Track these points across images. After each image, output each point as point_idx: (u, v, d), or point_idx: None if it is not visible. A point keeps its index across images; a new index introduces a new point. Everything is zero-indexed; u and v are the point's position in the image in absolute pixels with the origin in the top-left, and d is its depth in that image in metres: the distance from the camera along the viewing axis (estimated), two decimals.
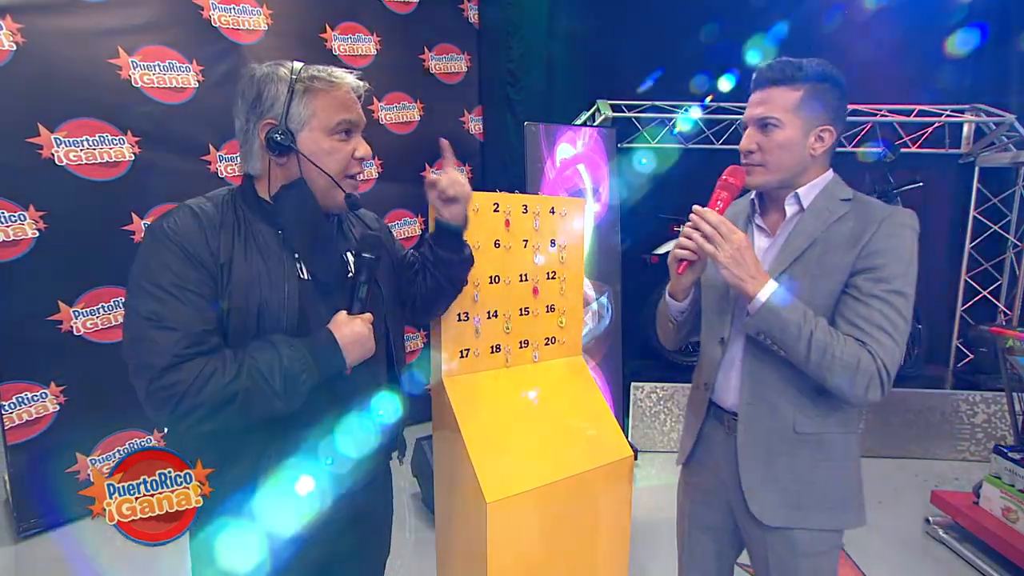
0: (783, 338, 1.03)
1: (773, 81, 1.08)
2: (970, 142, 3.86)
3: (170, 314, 0.86)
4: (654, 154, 3.93)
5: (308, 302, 0.97)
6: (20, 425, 2.44)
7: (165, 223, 0.91)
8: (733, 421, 1.19)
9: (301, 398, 0.92)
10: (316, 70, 0.98)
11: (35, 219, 2.41)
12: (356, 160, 1.02)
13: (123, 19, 2.59)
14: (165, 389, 0.84)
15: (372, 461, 1.13)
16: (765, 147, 1.09)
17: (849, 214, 1.09)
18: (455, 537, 1.57)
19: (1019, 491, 2.25)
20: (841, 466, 1.14)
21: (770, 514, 1.13)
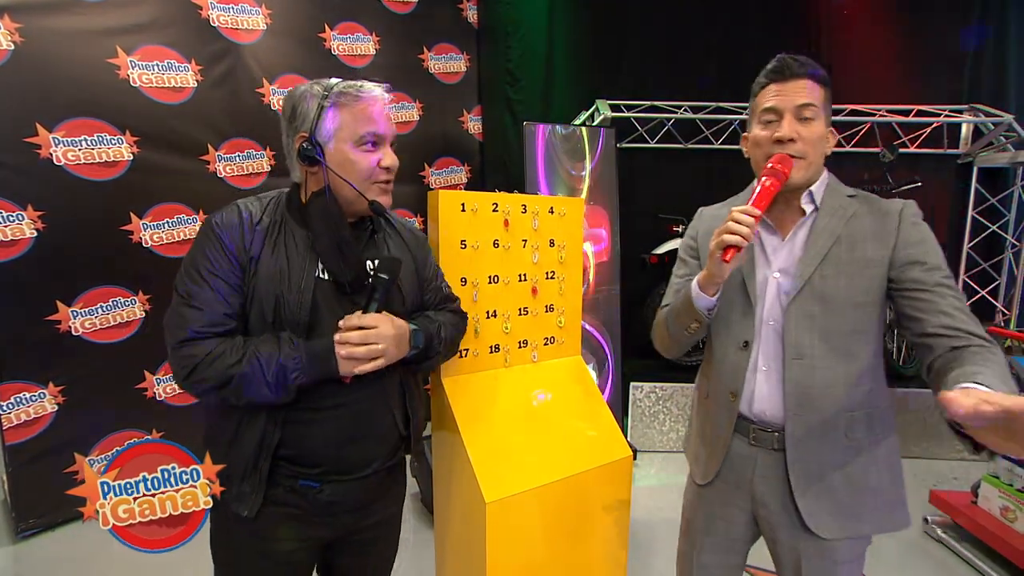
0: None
1: (807, 74, 1.06)
2: (968, 142, 3.87)
3: (200, 295, 0.99)
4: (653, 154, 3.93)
5: (323, 300, 1.05)
6: (18, 425, 2.43)
7: (215, 218, 1.04)
8: (762, 434, 1.13)
9: (290, 393, 0.99)
10: (346, 85, 1.06)
11: (33, 219, 2.41)
12: (382, 169, 1.08)
13: (122, 19, 2.58)
14: (182, 359, 0.97)
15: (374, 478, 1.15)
16: (807, 137, 1.05)
17: (862, 209, 1.09)
18: (454, 537, 1.57)
19: (1017, 490, 2.26)
20: (890, 468, 1.13)
21: (826, 526, 1.09)
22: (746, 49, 3.85)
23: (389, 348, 1.05)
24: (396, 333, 1.06)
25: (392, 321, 1.06)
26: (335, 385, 1.05)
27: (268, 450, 1.03)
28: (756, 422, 1.14)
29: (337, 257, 1.04)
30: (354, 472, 1.11)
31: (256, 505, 1.04)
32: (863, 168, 3.62)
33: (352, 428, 1.09)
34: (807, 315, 1.07)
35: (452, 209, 1.48)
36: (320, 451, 1.07)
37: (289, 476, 1.07)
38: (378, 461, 1.14)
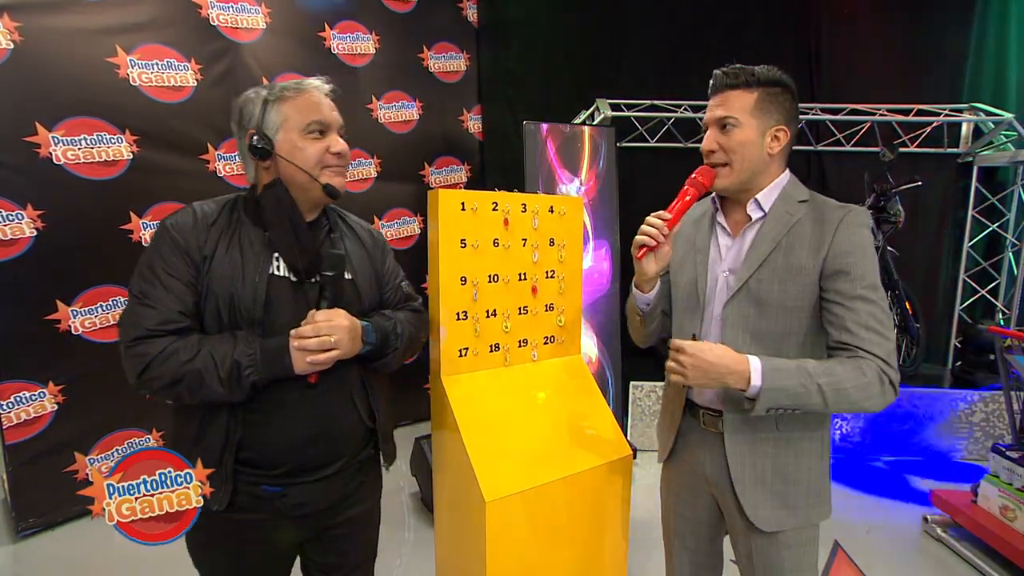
0: (796, 403, 1.04)
1: (730, 85, 1.14)
2: (968, 141, 3.87)
3: (153, 294, 1.01)
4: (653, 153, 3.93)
5: (277, 297, 1.07)
6: (18, 424, 2.43)
7: (169, 220, 1.06)
8: (708, 416, 1.22)
9: (243, 391, 1.01)
10: (286, 83, 1.11)
11: (33, 218, 2.41)
12: (332, 155, 1.10)
13: (121, 17, 2.58)
14: (135, 357, 0.99)
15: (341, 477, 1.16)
16: (726, 146, 1.14)
17: (807, 215, 1.14)
18: (454, 536, 1.57)
19: (1017, 490, 2.26)
20: (820, 462, 1.19)
21: (764, 518, 1.16)
22: (746, 48, 3.82)
23: (343, 340, 1.05)
24: (350, 325, 1.07)
25: (346, 314, 1.08)
26: (296, 385, 1.06)
27: (231, 447, 1.04)
28: (704, 407, 1.23)
29: (292, 243, 1.06)
30: (318, 471, 1.11)
31: (225, 500, 1.04)
32: (863, 167, 3.62)
33: (314, 427, 1.09)
34: (742, 316, 1.15)
35: (452, 208, 1.48)
36: (282, 451, 1.07)
37: (251, 483, 1.07)
38: (343, 459, 1.15)
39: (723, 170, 1.16)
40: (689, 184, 1.17)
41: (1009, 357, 2.45)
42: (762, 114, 1.12)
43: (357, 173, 3.48)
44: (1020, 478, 2.26)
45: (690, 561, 1.35)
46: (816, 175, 3.88)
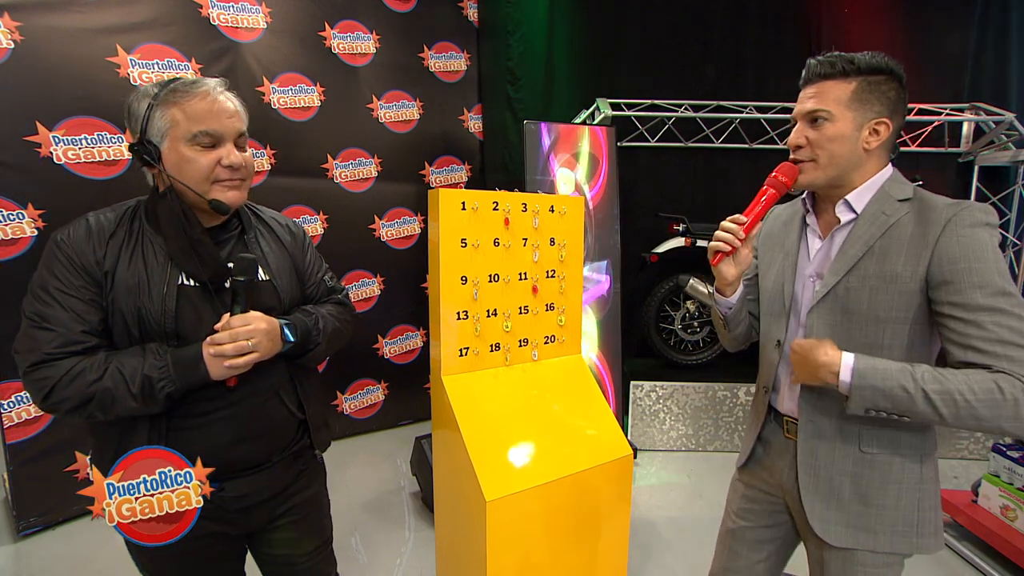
0: (896, 407, 0.93)
1: (824, 75, 1.05)
2: (970, 141, 3.86)
3: (51, 316, 0.95)
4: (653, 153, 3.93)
5: (189, 307, 1.02)
6: (19, 424, 2.44)
7: (59, 234, 1.01)
8: (792, 424, 1.15)
9: (158, 404, 0.97)
10: (179, 82, 1.01)
11: (34, 217, 2.41)
12: (224, 168, 1.02)
13: (121, 17, 2.58)
14: (37, 382, 0.94)
15: (278, 467, 1.15)
16: (815, 141, 1.05)
17: (908, 216, 1.02)
18: (455, 535, 1.57)
19: (1018, 489, 2.26)
20: (915, 490, 1.06)
21: (833, 534, 1.09)
22: (746, 48, 3.85)
23: (261, 343, 1.02)
24: (267, 328, 1.04)
25: (262, 317, 1.04)
26: (217, 389, 1.03)
27: None
28: (782, 413, 1.18)
29: (191, 257, 1.01)
30: (254, 467, 1.11)
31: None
32: None
33: (242, 428, 1.07)
34: (828, 323, 1.08)
35: (452, 208, 1.48)
36: (208, 454, 1.03)
37: None
38: (278, 452, 1.14)
39: (807, 165, 1.07)
40: (769, 183, 1.09)
41: None
42: (860, 105, 1.02)
43: (357, 173, 3.48)
44: (1021, 478, 2.26)
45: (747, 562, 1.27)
46: None
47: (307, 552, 1.26)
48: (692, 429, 3.42)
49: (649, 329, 3.57)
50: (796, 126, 1.09)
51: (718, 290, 1.20)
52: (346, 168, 3.42)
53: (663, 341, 3.62)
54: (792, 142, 1.08)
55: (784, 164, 1.09)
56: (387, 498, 2.81)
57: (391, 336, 3.71)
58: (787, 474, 1.17)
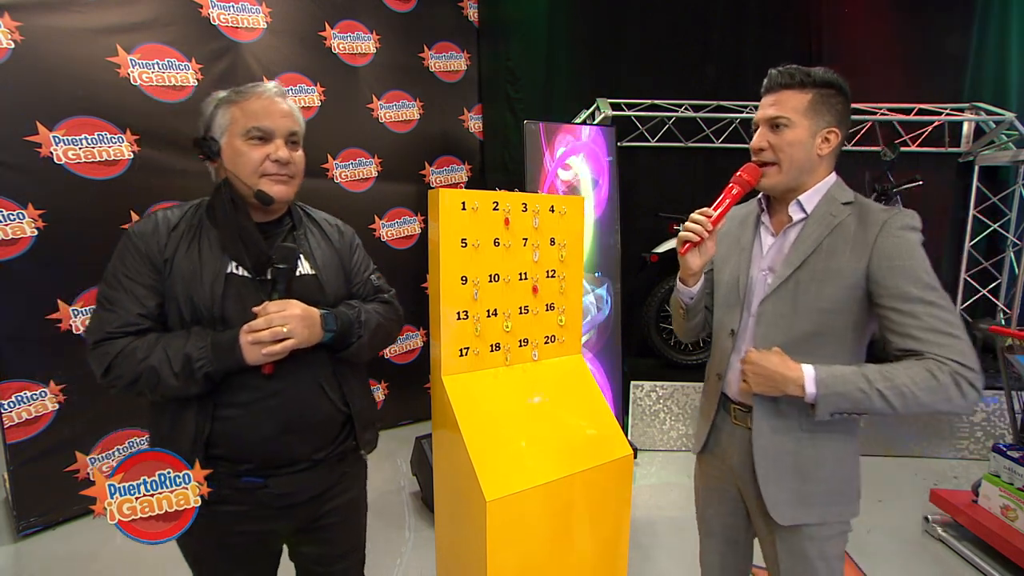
0: (856, 406, 1.04)
1: (784, 85, 1.14)
2: (970, 141, 3.87)
3: (115, 299, 1.05)
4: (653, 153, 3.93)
5: (234, 296, 1.09)
6: (20, 424, 2.44)
7: (132, 227, 1.10)
8: (739, 411, 1.24)
9: (197, 384, 1.03)
10: (244, 86, 1.12)
11: (34, 217, 2.41)
12: (272, 162, 1.10)
13: (121, 17, 2.58)
14: (98, 357, 1.04)
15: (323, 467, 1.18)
16: (776, 145, 1.14)
17: (850, 218, 1.13)
18: (455, 535, 1.57)
19: (1018, 489, 2.26)
20: (845, 464, 1.19)
21: (781, 512, 1.18)
22: (746, 48, 3.85)
23: (296, 329, 1.06)
24: (304, 314, 1.08)
25: (299, 304, 1.09)
26: (257, 378, 1.07)
27: (200, 443, 1.05)
28: (735, 402, 1.26)
29: (237, 243, 1.08)
30: (296, 463, 1.13)
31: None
32: (864, 167, 3.62)
33: (284, 419, 1.10)
34: (778, 314, 1.17)
35: (453, 207, 1.48)
36: (249, 445, 1.08)
37: (229, 474, 1.08)
38: (323, 450, 1.17)
39: (770, 169, 1.16)
40: (734, 182, 1.17)
41: (1010, 357, 2.44)
42: (815, 115, 1.13)
43: (358, 173, 3.48)
44: (1021, 478, 2.26)
45: (717, 550, 1.37)
46: None
47: (342, 554, 1.28)
48: (692, 429, 3.42)
49: (649, 329, 3.57)
50: (759, 130, 1.18)
51: (682, 280, 1.28)
52: (346, 168, 3.42)
53: (663, 341, 3.62)
54: (755, 145, 1.17)
55: (748, 164, 1.18)
56: (387, 498, 2.81)
57: None
58: (737, 459, 1.25)
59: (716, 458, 1.33)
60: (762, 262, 1.22)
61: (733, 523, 1.34)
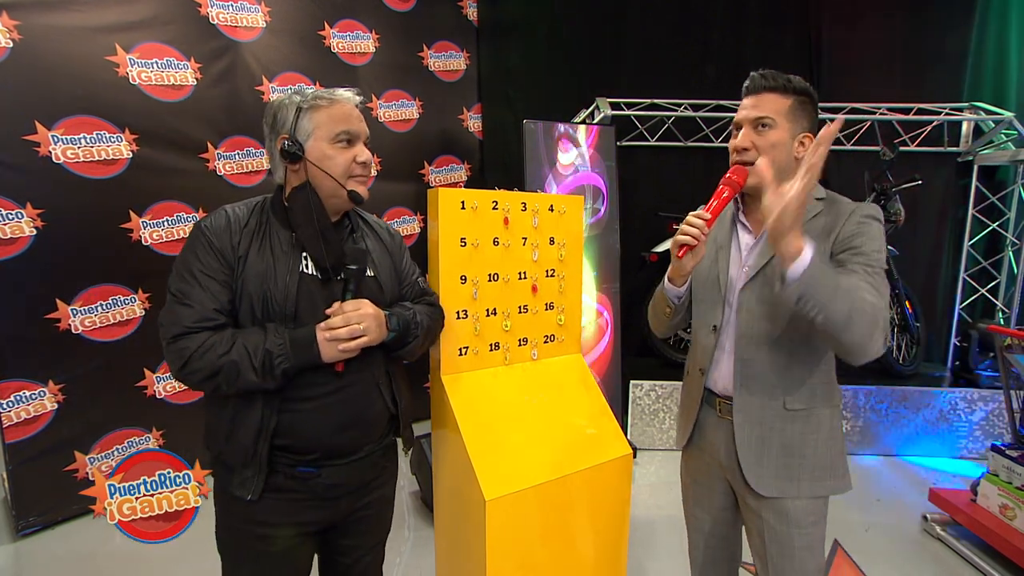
0: (823, 299, 1.00)
1: (768, 88, 1.20)
2: (969, 140, 3.87)
3: (191, 294, 1.07)
4: (653, 152, 3.93)
5: (308, 294, 1.13)
6: (18, 423, 2.43)
7: (204, 221, 1.12)
8: (724, 404, 1.28)
9: (275, 379, 1.06)
10: (321, 92, 1.15)
11: (33, 217, 2.40)
12: (358, 164, 1.16)
13: (120, 16, 2.58)
14: (176, 352, 1.05)
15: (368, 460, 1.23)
16: (760, 145, 1.18)
17: (823, 211, 1.20)
18: (454, 535, 1.57)
19: (1017, 488, 2.26)
20: (828, 438, 1.24)
21: (765, 485, 1.23)
22: (746, 47, 3.85)
23: (370, 327, 1.12)
24: (375, 314, 1.14)
25: (371, 303, 1.15)
26: (327, 374, 1.12)
27: (266, 435, 1.09)
28: (720, 395, 1.30)
29: (319, 243, 1.12)
30: (349, 456, 1.18)
31: (259, 488, 1.10)
32: (863, 166, 3.62)
33: (345, 414, 1.15)
34: (758, 300, 1.22)
35: (452, 207, 1.48)
36: (315, 438, 1.12)
37: (288, 464, 1.13)
38: (371, 444, 1.22)
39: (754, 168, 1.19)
40: (724, 183, 1.20)
41: (1009, 356, 2.45)
42: (794, 119, 1.18)
43: None
44: (1019, 477, 2.26)
45: (705, 544, 1.40)
46: None
47: (372, 546, 1.33)
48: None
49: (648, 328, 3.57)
50: (742, 130, 1.21)
51: (671, 280, 1.29)
52: None
53: (662, 340, 3.62)
54: (739, 144, 1.20)
55: (736, 166, 1.21)
56: None
57: None
58: (723, 450, 1.29)
59: (703, 452, 1.36)
60: (743, 263, 1.26)
61: (721, 517, 1.37)
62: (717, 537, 1.39)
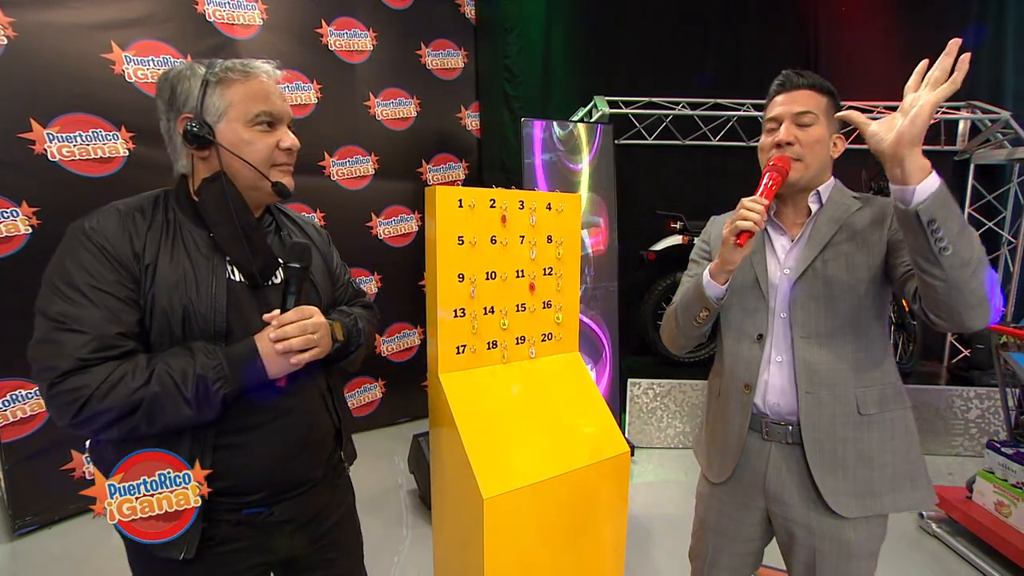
0: (955, 226, 0.88)
1: (806, 85, 1.15)
2: (965, 139, 3.88)
3: (81, 316, 0.83)
4: (651, 151, 3.93)
5: (238, 304, 0.94)
6: (15, 423, 2.43)
7: (87, 223, 0.89)
8: (775, 427, 1.16)
9: (214, 408, 0.88)
10: (231, 62, 0.95)
11: (28, 215, 2.39)
12: (282, 151, 0.98)
13: (116, 13, 2.56)
14: (68, 393, 0.81)
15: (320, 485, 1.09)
16: (803, 140, 1.14)
17: (863, 206, 1.16)
18: (452, 533, 1.57)
19: (1012, 486, 2.27)
20: (906, 443, 1.13)
21: (845, 505, 1.10)
22: (744, 46, 3.85)
23: (324, 336, 0.98)
24: (325, 321, 0.99)
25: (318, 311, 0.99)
26: (267, 393, 0.95)
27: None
28: (770, 415, 1.18)
29: (242, 244, 0.93)
30: (302, 485, 1.03)
31: (194, 545, 0.91)
32: (860, 165, 3.62)
33: (292, 439, 0.99)
34: (812, 296, 1.14)
35: (449, 205, 1.47)
36: (261, 473, 0.96)
37: (231, 510, 0.95)
38: (321, 467, 1.08)
39: (798, 164, 1.14)
40: (770, 171, 1.13)
41: (1004, 354, 2.46)
42: (829, 118, 1.15)
43: (354, 170, 3.47)
44: (1015, 474, 2.27)
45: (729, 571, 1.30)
46: None
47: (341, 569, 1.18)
48: (689, 427, 3.43)
49: (646, 327, 3.58)
50: (784, 124, 1.15)
51: (713, 277, 1.15)
52: (343, 166, 3.41)
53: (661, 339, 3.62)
54: (784, 138, 1.14)
55: (780, 155, 1.14)
56: (385, 496, 2.81)
57: (388, 334, 3.71)
58: (772, 477, 1.17)
59: (740, 483, 1.22)
60: (782, 265, 1.19)
61: (747, 547, 1.27)
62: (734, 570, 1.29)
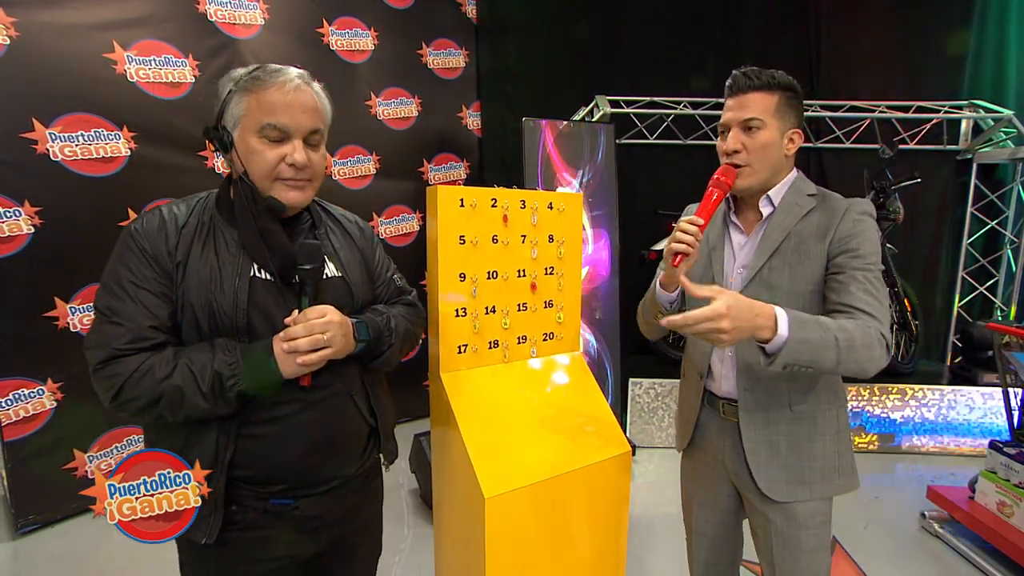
0: (813, 358, 1.01)
1: (753, 87, 1.17)
2: (968, 138, 3.87)
3: (121, 310, 0.92)
4: (652, 150, 3.93)
5: (261, 302, 0.98)
6: (17, 422, 2.43)
7: (133, 225, 0.97)
8: (728, 406, 1.27)
9: (229, 403, 0.92)
10: (263, 70, 0.98)
11: (30, 215, 2.40)
12: (288, 166, 0.98)
13: (118, 13, 2.57)
14: (106, 379, 0.91)
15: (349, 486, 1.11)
16: (750, 147, 1.17)
17: (816, 208, 1.19)
18: (453, 533, 1.57)
19: (1014, 486, 2.26)
20: (836, 439, 1.24)
21: (777, 489, 1.22)
22: (746, 45, 3.85)
23: (336, 337, 0.97)
24: (341, 322, 0.99)
25: (336, 311, 1.00)
26: (292, 390, 0.98)
27: (222, 466, 0.95)
28: (723, 398, 1.28)
29: (259, 245, 0.96)
30: (328, 483, 1.05)
31: (215, 530, 0.96)
32: (863, 164, 3.62)
33: (316, 435, 1.01)
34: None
35: (451, 205, 1.47)
36: (284, 466, 0.99)
37: (257, 498, 0.99)
38: (352, 466, 1.09)
39: (745, 170, 1.18)
40: (713, 186, 1.18)
41: (1007, 354, 2.45)
42: (782, 116, 1.17)
43: (356, 170, 3.48)
44: (1017, 474, 2.27)
45: (709, 547, 1.39)
46: (816, 172, 3.88)
47: (361, 570, 1.23)
48: None
49: None
50: (731, 132, 1.19)
51: (663, 286, 1.26)
52: (344, 165, 3.42)
53: (662, 338, 3.62)
54: (729, 147, 1.18)
55: (724, 167, 1.19)
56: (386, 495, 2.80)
57: None
58: (728, 452, 1.28)
59: (705, 453, 1.35)
60: (736, 262, 1.26)
61: (725, 519, 1.36)
62: (721, 539, 1.38)
